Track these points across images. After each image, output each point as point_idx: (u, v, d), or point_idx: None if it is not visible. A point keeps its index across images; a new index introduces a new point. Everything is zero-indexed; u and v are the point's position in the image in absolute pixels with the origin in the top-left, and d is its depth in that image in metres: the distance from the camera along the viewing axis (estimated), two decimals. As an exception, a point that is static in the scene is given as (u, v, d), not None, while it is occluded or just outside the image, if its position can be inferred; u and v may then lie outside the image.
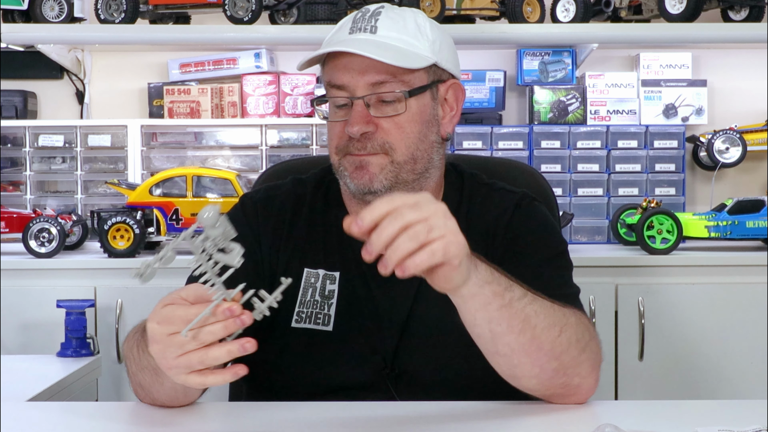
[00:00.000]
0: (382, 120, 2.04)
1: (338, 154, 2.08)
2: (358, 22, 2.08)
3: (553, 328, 1.82)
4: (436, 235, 1.60)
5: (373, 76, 2.03)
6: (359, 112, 2.03)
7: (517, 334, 1.77)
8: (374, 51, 2.00)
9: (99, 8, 4.06)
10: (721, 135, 4.19)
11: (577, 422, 1.80)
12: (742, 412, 1.82)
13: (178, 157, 4.26)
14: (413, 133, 2.07)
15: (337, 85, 2.06)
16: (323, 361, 2.06)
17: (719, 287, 3.72)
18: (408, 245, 1.58)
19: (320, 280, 2.11)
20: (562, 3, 4.12)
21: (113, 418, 1.86)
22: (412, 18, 2.10)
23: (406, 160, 2.06)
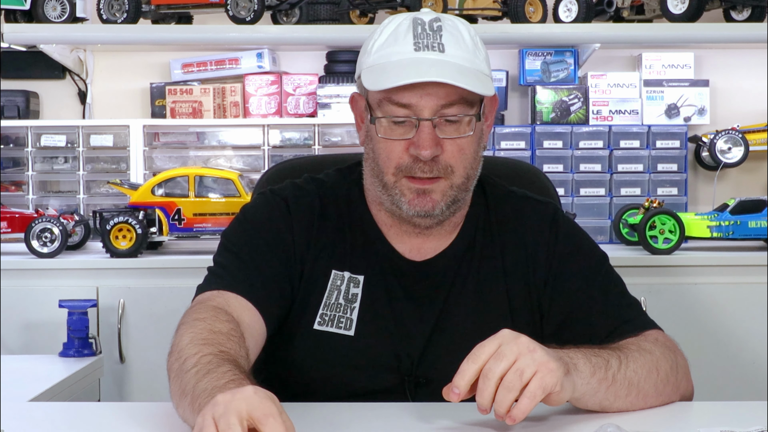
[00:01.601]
0: (447, 142, 1.99)
1: (397, 175, 2.01)
2: (422, 38, 2.00)
3: (651, 374, 1.88)
4: (529, 375, 1.66)
5: (442, 98, 1.97)
6: (429, 133, 1.97)
7: (624, 398, 1.84)
8: (458, 77, 1.95)
9: (101, 8, 4.06)
10: (723, 135, 4.18)
11: (578, 422, 1.80)
12: (745, 413, 1.81)
13: (181, 157, 4.26)
14: (471, 154, 2.04)
15: (401, 103, 1.98)
16: (343, 366, 2.05)
17: (721, 287, 3.71)
18: (508, 397, 1.65)
19: (345, 283, 2.09)
20: (565, 3, 4.12)
21: (115, 418, 1.86)
22: (467, 32, 2.05)
23: (463, 181, 2.03)
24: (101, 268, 3.72)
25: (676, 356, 1.97)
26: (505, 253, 2.12)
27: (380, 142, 2.02)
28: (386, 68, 1.98)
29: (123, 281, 3.67)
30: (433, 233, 2.11)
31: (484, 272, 2.11)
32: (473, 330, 2.00)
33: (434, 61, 1.98)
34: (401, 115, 1.98)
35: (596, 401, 1.81)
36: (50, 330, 3.53)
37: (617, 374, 1.81)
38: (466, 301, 2.09)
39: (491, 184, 2.21)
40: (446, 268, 2.11)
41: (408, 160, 1.99)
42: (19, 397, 2.25)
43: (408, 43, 2.00)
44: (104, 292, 3.66)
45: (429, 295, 2.09)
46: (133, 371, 3.67)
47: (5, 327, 3.65)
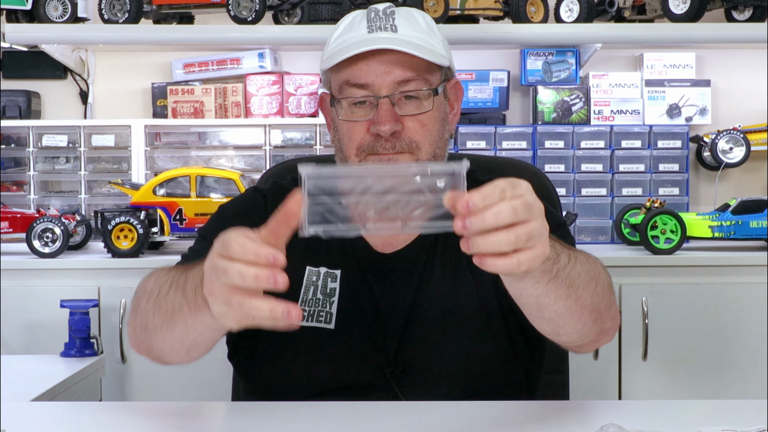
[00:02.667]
0: (407, 118, 2.03)
1: (360, 155, 2.05)
2: (375, 21, 2.06)
3: (591, 283, 1.80)
4: (531, 245, 1.54)
5: (399, 74, 2.02)
6: (388, 110, 2.01)
7: (564, 300, 1.74)
8: (408, 47, 2.00)
9: (103, 8, 4.06)
10: (724, 135, 4.18)
11: (580, 422, 1.80)
12: (746, 412, 1.81)
13: (182, 157, 4.26)
14: (435, 131, 2.07)
15: (359, 84, 2.03)
16: (325, 359, 2.07)
17: (723, 287, 3.71)
18: (503, 247, 1.52)
19: (321, 278, 2.11)
20: (566, 3, 4.12)
21: (117, 418, 1.86)
22: (421, 18, 2.11)
23: (429, 158, 2.06)
24: (103, 268, 3.72)
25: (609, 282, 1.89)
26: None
27: (342, 125, 2.07)
28: (340, 51, 2.04)
29: (124, 281, 3.67)
30: None
31: (448, 257, 2.13)
32: (444, 315, 2.03)
33: (387, 39, 2.04)
34: (360, 96, 2.03)
35: (533, 293, 1.71)
36: (52, 330, 3.54)
37: (561, 272, 1.71)
38: (435, 288, 2.10)
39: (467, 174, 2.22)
40: (416, 258, 2.13)
41: (369, 139, 2.03)
42: (21, 397, 2.25)
43: (362, 27, 2.06)
44: (105, 292, 3.66)
45: (402, 286, 2.10)
46: (135, 371, 3.67)
47: (7, 327, 3.65)
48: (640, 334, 3.67)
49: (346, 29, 2.10)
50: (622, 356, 3.70)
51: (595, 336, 1.88)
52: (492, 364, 2.03)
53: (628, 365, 3.71)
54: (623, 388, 3.71)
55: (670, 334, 3.70)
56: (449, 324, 2.03)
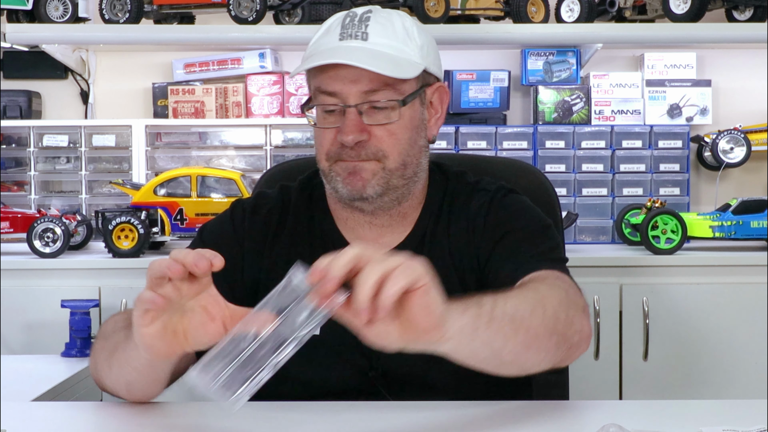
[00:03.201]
0: (375, 128, 2.03)
1: (329, 161, 2.07)
2: (348, 28, 2.06)
3: (536, 309, 1.76)
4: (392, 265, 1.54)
5: (365, 84, 2.01)
6: (353, 120, 2.02)
7: (513, 338, 1.71)
8: (368, 61, 1.99)
9: (103, 8, 4.06)
10: (725, 135, 4.18)
11: (580, 422, 1.80)
12: (747, 412, 1.81)
13: (183, 157, 4.27)
14: (405, 140, 2.07)
15: (328, 91, 2.04)
16: (312, 365, 2.06)
17: (724, 287, 3.71)
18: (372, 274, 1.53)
19: None
20: (567, 3, 4.12)
21: (117, 418, 1.86)
22: (399, 22, 2.09)
23: (398, 166, 2.06)
24: (103, 268, 3.73)
25: (567, 293, 1.88)
26: (451, 240, 2.13)
27: (316, 131, 2.10)
28: (310, 58, 2.05)
29: (125, 281, 3.67)
30: (385, 225, 2.15)
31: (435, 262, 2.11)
32: None
33: (353, 48, 2.03)
34: (330, 104, 2.04)
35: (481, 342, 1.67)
36: (52, 330, 3.54)
37: (494, 311, 1.69)
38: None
39: (456, 176, 2.23)
40: None
41: (336, 147, 2.05)
42: (22, 397, 2.25)
43: (335, 34, 2.07)
44: (106, 292, 3.66)
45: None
46: (136, 371, 3.67)
47: (8, 327, 3.66)
48: (641, 334, 3.67)
49: (323, 33, 2.10)
50: (622, 356, 3.70)
51: (564, 354, 1.85)
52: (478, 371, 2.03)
53: (629, 365, 3.71)
54: (624, 388, 3.71)
55: (670, 334, 3.70)
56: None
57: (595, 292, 3.63)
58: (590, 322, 1.91)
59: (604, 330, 3.67)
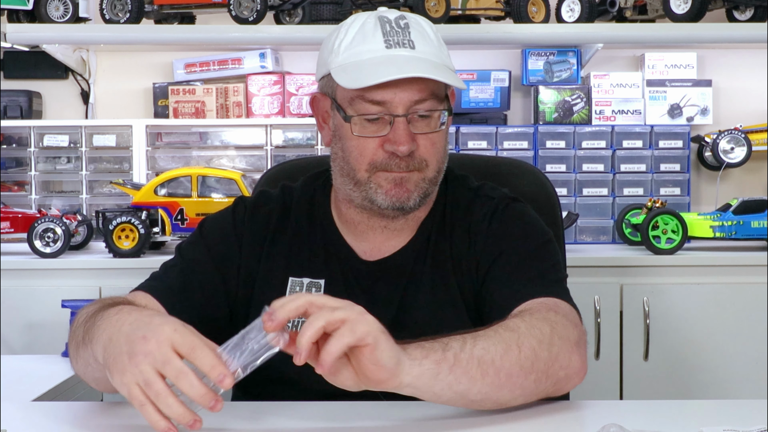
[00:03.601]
0: (420, 137, 2.02)
1: (369, 171, 2.03)
2: (392, 36, 2.02)
3: (510, 350, 1.75)
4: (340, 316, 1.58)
5: (414, 94, 1.99)
6: (405, 130, 1.99)
7: (480, 380, 1.71)
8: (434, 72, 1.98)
9: (104, 8, 4.06)
10: (726, 135, 4.18)
11: (581, 422, 1.80)
12: (747, 412, 1.81)
13: (183, 157, 4.27)
14: (442, 148, 2.07)
15: (375, 101, 1.99)
16: (311, 368, 2.06)
17: (724, 287, 3.71)
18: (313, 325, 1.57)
19: (305, 289, 2.10)
20: (567, 3, 4.12)
21: (118, 418, 1.86)
22: (430, 29, 2.08)
23: (435, 175, 2.07)
24: (104, 268, 3.73)
25: (554, 328, 1.84)
26: (453, 246, 2.13)
27: (353, 139, 2.04)
28: (360, 66, 2.00)
29: (126, 281, 3.62)
30: (398, 228, 2.14)
31: (437, 267, 2.12)
32: (431, 325, 2.00)
33: (408, 58, 2.01)
34: (375, 112, 2.00)
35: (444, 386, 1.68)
36: (53, 330, 3.54)
37: (460, 354, 1.69)
38: (422, 297, 2.09)
39: (456, 180, 2.23)
40: (402, 266, 2.12)
41: (383, 156, 2.02)
42: (22, 397, 2.25)
43: (378, 40, 2.02)
44: (107, 292, 3.66)
45: (386, 294, 2.10)
46: (136, 371, 3.67)
47: (8, 327, 3.66)
48: (642, 334, 3.67)
49: (357, 39, 2.03)
50: (623, 356, 3.70)
51: (551, 389, 1.83)
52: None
53: (630, 365, 3.71)
54: (624, 388, 3.71)
55: (671, 334, 3.70)
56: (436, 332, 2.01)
57: (596, 292, 3.64)
58: (583, 355, 1.88)
59: (604, 330, 3.67)
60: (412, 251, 2.13)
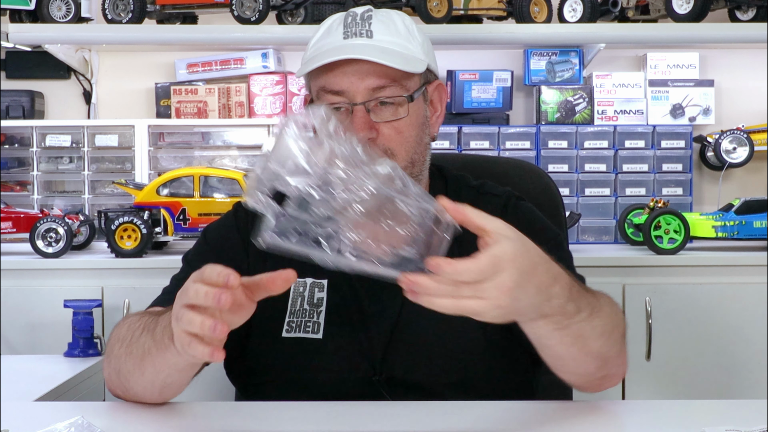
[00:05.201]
0: (383, 125, 2.03)
1: None
2: (351, 27, 2.06)
3: (604, 335, 1.79)
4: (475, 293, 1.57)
5: (373, 81, 2.01)
6: (362, 117, 2.02)
7: (567, 347, 1.75)
8: (378, 55, 2.00)
9: (106, 8, 4.07)
10: (728, 135, 4.18)
11: (583, 422, 1.80)
12: (750, 412, 1.81)
13: (186, 157, 4.27)
14: (412, 137, 2.07)
15: (334, 90, 2.03)
16: (314, 369, 2.06)
17: (726, 287, 3.71)
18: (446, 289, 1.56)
19: (308, 289, 2.11)
20: (570, 3, 4.12)
21: (120, 418, 1.86)
22: (400, 20, 2.10)
23: (406, 164, 2.06)
24: (106, 268, 3.73)
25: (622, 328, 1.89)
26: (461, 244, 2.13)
27: None
28: (315, 57, 2.05)
29: (128, 281, 3.67)
30: None
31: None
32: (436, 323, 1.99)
33: (360, 45, 2.03)
34: (336, 102, 2.03)
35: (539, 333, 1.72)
36: (55, 330, 3.54)
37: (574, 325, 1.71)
38: None
39: (454, 177, 2.23)
40: None
41: None
42: (24, 397, 2.25)
43: (338, 33, 2.06)
44: (109, 292, 3.66)
45: (390, 292, 2.08)
46: (138, 371, 3.67)
47: (10, 327, 3.65)
48: (644, 334, 3.67)
49: (324, 34, 2.10)
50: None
51: (598, 381, 1.87)
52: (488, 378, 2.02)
53: (632, 365, 3.67)
54: (627, 388, 3.71)
55: (673, 334, 3.70)
56: (438, 333, 2.02)
57: (598, 292, 3.63)
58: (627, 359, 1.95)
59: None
60: None
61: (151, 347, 1.80)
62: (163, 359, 1.79)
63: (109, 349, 1.96)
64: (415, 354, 2.03)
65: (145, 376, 1.85)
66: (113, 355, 1.93)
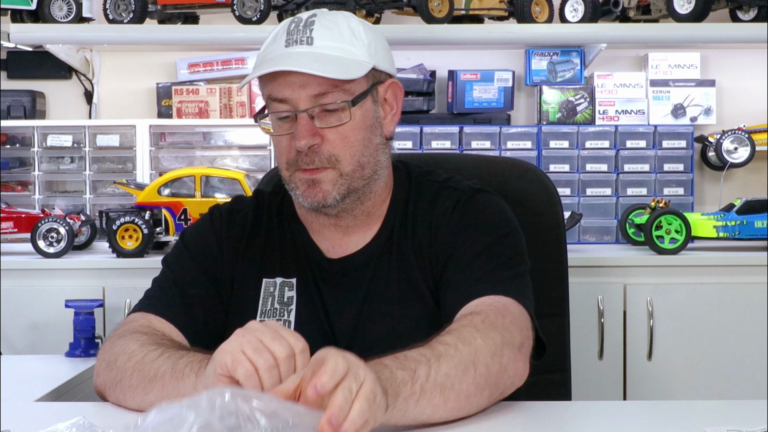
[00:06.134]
0: (327, 131, 2.03)
1: (289, 170, 2.07)
2: (293, 34, 2.05)
3: (468, 371, 1.75)
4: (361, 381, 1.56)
5: (314, 88, 2.01)
6: (304, 125, 2.02)
7: (443, 406, 1.72)
8: (312, 65, 1.98)
9: (107, 8, 4.07)
10: (729, 135, 4.18)
11: (584, 422, 1.80)
12: (751, 412, 1.81)
13: (187, 157, 4.27)
14: (357, 141, 2.06)
15: (279, 98, 2.04)
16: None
17: (728, 287, 3.71)
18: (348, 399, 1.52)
19: (278, 288, 2.14)
20: (571, 3, 4.12)
21: (122, 419, 1.86)
22: (345, 23, 2.08)
23: (354, 168, 2.06)
24: (107, 268, 3.73)
25: (503, 335, 1.85)
26: (415, 237, 2.14)
27: (273, 139, 2.11)
28: (259, 65, 2.07)
29: (129, 281, 3.67)
30: (350, 225, 2.15)
31: (401, 262, 2.13)
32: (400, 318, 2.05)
33: (298, 54, 2.03)
34: (282, 110, 2.04)
35: (408, 419, 1.69)
36: (56, 330, 3.54)
37: (426, 384, 1.69)
38: (388, 293, 2.10)
39: (420, 175, 2.23)
40: (365, 263, 2.13)
41: (293, 153, 2.05)
42: (25, 397, 2.25)
43: (281, 41, 2.07)
44: (110, 292, 3.67)
45: (351, 290, 2.12)
46: (140, 371, 3.67)
47: (11, 327, 3.66)
48: (645, 333, 3.67)
49: (270, 41, 2.11)
50: (626, 356, 3.70)
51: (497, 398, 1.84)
52: None
53: (633, 365, 3.71)
54: (628, 388, 3.71)
55: (675, 334, 3.70)
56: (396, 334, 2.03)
57: (599, 292, 3.63)
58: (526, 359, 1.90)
59: (608, 330, 3.67)
60: (376, 248, 2.15)
61: (167, 372, 1.81)
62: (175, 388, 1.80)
63: (112, 357, 1.96)
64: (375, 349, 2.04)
65: (147, 396, 1.85)
66: (116, 365, 1.93)
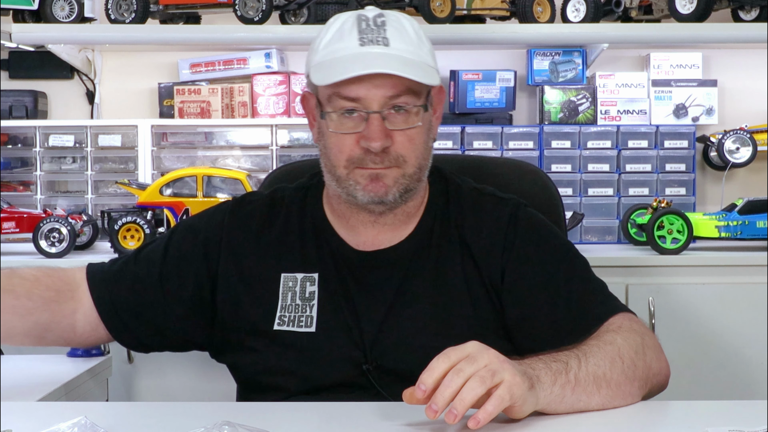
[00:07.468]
0: (396, 133, 2.04)
1: (348, 167, 2.07)
2: (367, 33, 2.05)
3: (615, 362, 1.88)
4: (498, 380, 1.67)
5: (389, 90, 2.02)
6: (378, 126, 2.02)
7: (597, 393, 1.84)
8: (401, 68, 2.00)
9: (109, 8, 4.07)
10: (731, 135, 4.18)
11: (584, 422, 1.80)
12: (753, 412, 1.81)
13: (189, 157, 4.27)
14: (421, 145, 2.09)
15: (349, 97, 2.03)
16: (308, 362, 2.09)
17: (730, 287, 3.71)
18: (476, 391, 1.65)
19: (299, 284, 2.13)
20: (573, 3, 4.12)
21: (123, 419, 1.86)
22: (410, 26, 2.10)
23: (415, 171, 2.09)
24: (109, 268, 3.72)
25: (643, 338, 1.99)
26: (462, 245, 2.15)
27: (331, 136, 2.09)
28: (333, 64, 2.04)
29: (131, 281, 3.66)
30: (388, 223, 2.16)
31: (441, 262, 2.15)
32: (432, 318, 2.07)
33: (379, 54, 2.03)
34: (351, 108, 2.04)
35: (566, 406, 1.81)
36: (58, 330, 3.53)
37: (579, 373, 1.82)
38: (423, 291, 2.12)
39: (453, 178, 2.25)
40: (400, 259, 2.14)
41: (359, 152, 2.05)
42: (27, 397, 2.25)
43: (353, 38, 2.05)
44: (112, 292, 3.66)
45: (381, 285, 2.13)
46: (141, 371, 3.68)
47: (13, 327, 3.65)
48: (647, 334, 3.66)
49: (335, 37, 2.08)
50: (628, 356, 3.70)
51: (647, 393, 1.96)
52: None
53: (635, 365, 3.70)
54: (629, 388, 3.70)
55: (676, 334, 3.70)
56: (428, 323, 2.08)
57: (601, 292, 3.63)
58: (665, 358, 2.04)
59: (609, 330, 3.66)
60: (412, 245, 2.16)
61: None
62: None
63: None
64: (404, 344, 2.07)
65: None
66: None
